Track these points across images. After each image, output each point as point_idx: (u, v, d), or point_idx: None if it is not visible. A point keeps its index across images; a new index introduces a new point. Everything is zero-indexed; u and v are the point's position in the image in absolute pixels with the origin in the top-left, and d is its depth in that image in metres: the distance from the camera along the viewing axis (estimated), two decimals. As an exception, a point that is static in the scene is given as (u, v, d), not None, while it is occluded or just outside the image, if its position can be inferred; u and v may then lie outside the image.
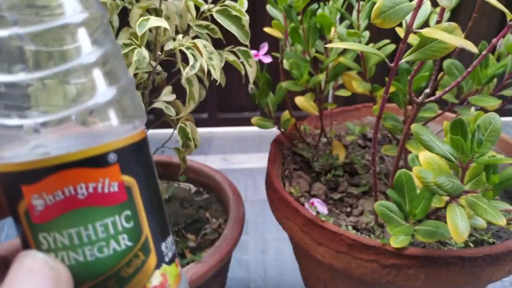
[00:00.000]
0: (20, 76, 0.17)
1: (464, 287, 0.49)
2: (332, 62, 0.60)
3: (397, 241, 0.46)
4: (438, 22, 0.44)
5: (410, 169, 0.46)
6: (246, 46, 0.58)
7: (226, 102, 1.38)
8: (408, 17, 0.40)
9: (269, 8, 0.61)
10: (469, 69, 0.44)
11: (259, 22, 1.19)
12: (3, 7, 0.17)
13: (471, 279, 0.47)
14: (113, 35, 0.20)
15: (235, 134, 1.39)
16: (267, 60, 0.64)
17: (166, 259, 0.22)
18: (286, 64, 0.61)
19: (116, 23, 0.58)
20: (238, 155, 1.28)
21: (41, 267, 0.18)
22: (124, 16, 0.56)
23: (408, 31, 0.40)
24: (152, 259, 0.21)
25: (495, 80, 0.53)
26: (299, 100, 0.65)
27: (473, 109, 0.50)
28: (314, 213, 0.54)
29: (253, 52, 0.61)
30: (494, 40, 0.42)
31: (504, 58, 0.53)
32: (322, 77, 0.60)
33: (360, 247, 0.48)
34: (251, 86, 0.62)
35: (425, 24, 0.43)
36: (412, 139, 0.53)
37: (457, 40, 0.37)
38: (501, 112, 0.49)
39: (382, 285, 0.49)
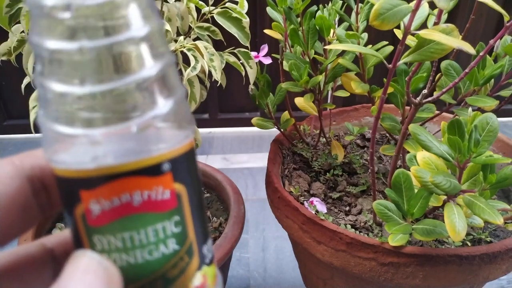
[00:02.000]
0: (85, 89, 0.18)
1: (461, 286, 0.49)
2: (331, 64, 0.60)
3: (395, 239, 0.46)
4: (436, 23, 0.45)
5: (408, 169, 0.46)
6: (246, 47, 0.58)
7: (227, 102, 1.38)
8: (406, 19, 0.40)
9: (269, 10, 0.61)
10: (467, 70, 0.44)
11: (259, 24, 1.19)
12: (73, 19, 0.17)
13: (469, 277, 0.47)
14: (168, 46, 0.20)
15: (236, 134, 1.40)
16: (267, 61, 0.64)
17: (206, 261, 0.23)
18: (286, 65, 0.61)
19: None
20: (238, 155, 1.28)
21: (96, 267, 0.19)
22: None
23: (406, 32, 0.41)
24: (195, 261, 0.22)
25: (492, 81, 0.53)
26: (298, 101, 0.65)
27: (470, 109, 0.51)
28: (314, 212, 0.54)
29: (253, 53, 0.61)
30: (491, 41, 0.42)
31: (501, 59, 0.54)
32: (321, 78, 0.60)
33: (359, 246, 0.49)
34: (251, 87, 0.62)
35: (423, 25, 0.44)
36: (410, 139, 0.53)
37: (455, 41, 0.38)
38: (498, 112, 0.49)
39: (381, 283, 0.50)
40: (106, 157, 0.19)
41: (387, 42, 0.58)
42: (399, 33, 0.55)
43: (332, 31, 0.59)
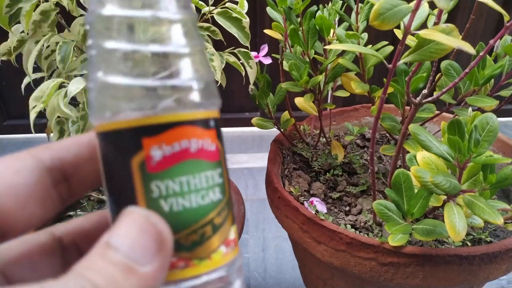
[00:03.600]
0: (154, 48, 0.22)
1: (461, 286, 0.49)
2: (331, 63, 0.60)
3: (395, 239, 0.46)
4: (436, 23, 0.45)
5: (408, 169, 0.46)
6: (246, 47, 0.58)
7: (227, 102, 1.38)
8: (406, 19, 0.40)
9: (269, 10, 0.61)
10: (467, 70, 0.44)
11: (259, 24, 1.19)
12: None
13: (469, 277, 0.47)
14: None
15: (236, 134, 1.40)
16: (267, 61, 0.64)
17: (235, 222, 0.25)
18: (286, 65, 0.61)
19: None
20: (238, 155, 1.28)
21: (149, 227, 0.20)
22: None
23: (406, 32, 0.41)
24: (231, 216, 0.24)
25: (492, 81, 0.53)
26: (298, 101, 0.65)
27: (470, 109, 0.51)
28: (314, 212, 0.54)
29: (253, 53, 0.61)
30: (491, 41, 0.42)
31: (501, 59, 0.54)
32: (321, 78, 0.60)
33: (359, 246, 0.49)
34: (251, 87, 0.62)
35: (423, 25, 0.44)
36: (410, 139, 0.53)
37: (455, 41, 0.38)
38: (498, 112, 0.49)
39: (381, 283, 0.50)
40: (171, 107, 0.22)
41: (387, 42, 0.58)
42: (399, 33, 0.55)
43: (332, 31, 0.59)
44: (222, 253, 0.23)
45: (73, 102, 0.51)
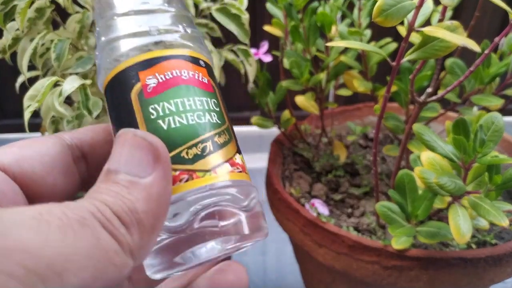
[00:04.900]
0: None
1: (466, 289, 0.49)
2: (333, 61, 0.60)
3: (398, 242, 0.46)
4: (440, 20, 0.44)
5: (412, 170, 0.46)
6: (245, 44, 0.57)
7: (226, 101, 1.36)
8: (410, 16, 0.40)
9: (269, 6, 0.61)
10: (472, 68, 0.43)
11: (259, 20, 1.18)
12: None
13: (474, 280, 0.47)
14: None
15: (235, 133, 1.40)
16: (267, 59, 0.64)
17: (241, 154, 0.27)
18: (286, 63, 0.61)
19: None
20: (238, 155, 1.28)
21: (142, 142, 0.22)
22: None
23: (410, 29, 0.40)
24: (234, 143, 0.27)
25: (497, 79, 0.53)
26: (299, 100, 0.65)
27: (475, 108, 0.50)
28: (315, 214, 0.54)
29: (253, 50, 0.61)
30: (496, 39, 0.42)
31: (506, 57, 0.53)
32: (323, 76, 0.60)
33: (362, 249, 0.48)
34: (251, 85, 0.62)
35: (427, 22, 0.43)
36: (414, 139, 0.53)
37: (459, 39, 0.37)
38: (504, 111, 0.49)
39: (384, 287, 0.49)
40: (163, 44, 0.26)
41: (390, 39, 0.58)
42: (402, 30, 0.54)
43: (334, 27, 0.59)
44: (228, 169, 0.25)
45: (68, 101, 0.50)
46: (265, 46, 0.64)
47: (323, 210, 0.56)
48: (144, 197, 0.20)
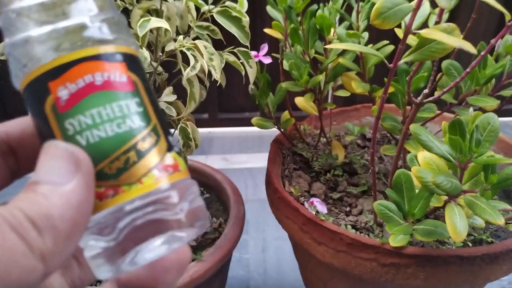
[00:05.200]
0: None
1: (462, 286, 0.49)
2: (331, 63, 0.60)
3: (396, 240, 0.46)
4: (437, 23, 0.45)
5: (409, 169, 0.46)
6: (246, 47, 0.58)
7: (227, 102, 1.38)
8: (407, 18, 0.40)
9: (269, 9, 0.61)
10: (468, 70, 0.44)
11: (259, 23, 1.18)
12: None
13: (470, 278, 0.47)
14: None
15: (235, 134, 1.40)
16: (267, 60, 0.64)
17: (175, 150, 0.26)
18: (286, 64, 0.61)
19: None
20: (238, 155, 1.28)
21: (63, 153, 0.22)
22: (125, 17, 0.56)
23: (407, 32, 0.41)
24: (163, 142, 0.25)
25: (493, 80, 0.53)
26: (298, 101, 0.65)
27: (471, 109, 0.51)
28: (314, 213, 0.54)
29: (253, 52, 0.61)
30: (492, 41, 0.42)
31: (502, 58, 0.53)
32: (321, 77, 0.60)
33: (360, 246, 0.49)
34: (251, 86, 0.62)
35: (424, 25, 0.43)
36: (411, 139, 0.53)
37: (456, 40, 0.38)
38: (500, 112, 0.49)
39: (381, 284, 0.50)
40: (67, 46, 0.23)
41: (388, 42, 0.58)
42: (400, 32, 0.54)
43: (332, 30, 0.59)
44: (156, 177, 0.24)
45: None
46: (265, 48, 0.64)
47: (322, 208, 0.57)
48: (62, 203, 0.20)
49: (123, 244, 0.23)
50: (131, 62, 0.25)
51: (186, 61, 0.52)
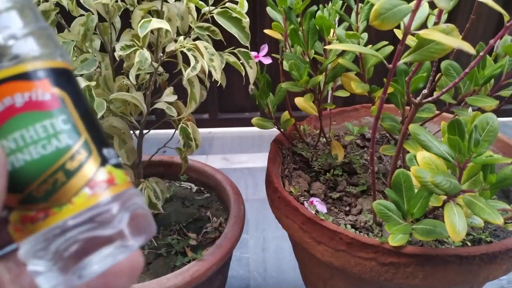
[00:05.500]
0: None
1: (461, 286, 0.49)
2: (331, 63, 0.60)
3: (395, 239, 0.46)
4: (436, 23, 0.45)
5: (408, 169, 0.46)
6: (246, 47, 0.58)
7: (227, 102, 1.38)
8: (406, 19, 0.40)
9: (269, 10, 0.61)
10: (467, 70, 0.44)
11: (259, 24, 1.19)
12: None
13: (469, 277, 0.47)
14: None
15: (236, 134, 1.40)
16: (267, 61, 0.64)
17: (112, 162, 0.25)
18: (286, 65, 0.61)
19: (118, 24, 0.59)
20: (238, 155, 1.28)
21: None
22: (126, 18, 0.56)
23: (406, 32, 0.41)
24: (95, 157, 0.24)
25: (492, 80, 0.53)
26: (298, 101, 0.65)
27: (470, 109, 0.51)
28: (314, 212, 0.55)
29: (253, 53, 0.61)
30: (491, 41, 0.42)
31: (501, 59, 0.54)
32: (321, 78, 0.60)
33: (359, 246, 0.49)
34: (251, 87, 0.62)
35: (423, 25, 0.44)
36: (410, 139, 0.53)
37: (455, 41, 0.38)
38: (498, 112, 0.49)
39: (381, 283, 0.50)
40: None
41: (387, 42, 0.58)
42: (399, 33, 0.55)
43: (332, 31, 0.60)
44: (87, 195, 0.23)
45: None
46: (265, 48, 0.64)
47: (322, 208, 0.57)
48: None
49: (66, 262, 0.23)
50: (57, 76, 0.24)
51: (186, 61, 0.52)
